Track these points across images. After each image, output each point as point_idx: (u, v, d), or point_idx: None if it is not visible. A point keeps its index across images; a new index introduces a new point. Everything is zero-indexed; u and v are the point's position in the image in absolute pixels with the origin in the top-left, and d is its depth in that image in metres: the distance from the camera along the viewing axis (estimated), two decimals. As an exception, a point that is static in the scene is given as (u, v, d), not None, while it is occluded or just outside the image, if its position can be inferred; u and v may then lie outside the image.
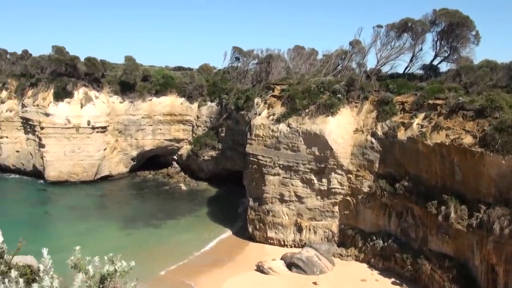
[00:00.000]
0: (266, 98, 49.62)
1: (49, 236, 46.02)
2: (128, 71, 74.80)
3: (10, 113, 75.95)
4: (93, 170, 71.44)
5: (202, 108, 73.87)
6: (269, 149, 46.28)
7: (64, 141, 69.56)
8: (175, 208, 59.74)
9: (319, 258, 41.02)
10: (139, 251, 41.98)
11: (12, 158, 76.42)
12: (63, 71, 72.39)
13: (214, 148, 70.03)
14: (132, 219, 55.39)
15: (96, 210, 60.15)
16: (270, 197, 46.25)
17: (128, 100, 74.51)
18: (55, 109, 69.55)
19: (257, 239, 47.62)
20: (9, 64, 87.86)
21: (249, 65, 75.73)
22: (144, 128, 75.02)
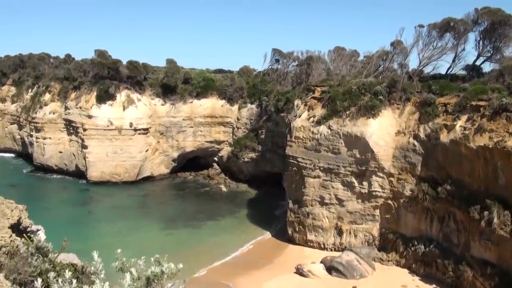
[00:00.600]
0: (306, 100, 49.54)
1: (92, 235, 47.37)
2: (170, 74, 76.31)
3: (53, 115, 78.49)
4: (135, 171, 73.00)
5: (242, 110, 74.54)
6: (309, 151, 46.23)
7: (107, 142, 71.34)
8: (215, 209, 60.49)
9: (360, 262, 40.69)
10: (178, 251, 42.64)
11: (55, 159, 78.91)
12: (106, 74, 74.48)
13: (254, 150, 70.46)
14: (172, 219, 56.39)
15: (138, 210, 61.31)
16: (310, 199, 46.15)
17: (170, 103, 75.98)
18: (97, 111, 71.54)
19: (297, 241, 47.58)
20: (52, 68, 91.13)
21: (289, 67, 75.93)
22: (185, 130, 76.30)
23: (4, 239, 8.49)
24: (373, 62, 54.80)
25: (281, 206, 57.42)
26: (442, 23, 47.74)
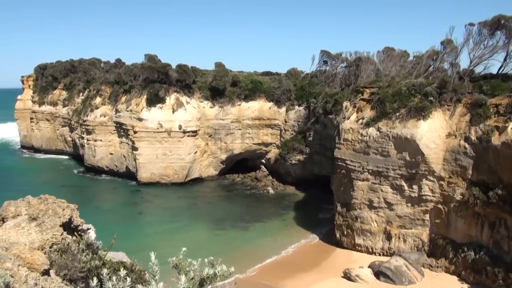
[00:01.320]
0: (355, 101, 49.30)
1: (142, 235, 48.85)
2: (218, 77, 77.63)
3: (104, 118, 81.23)
4: (184, 173, 74.54)
5: (290, 112, 74.86)
6: (358, 153, 46.06)
7: (156, 144, 73.20)
8: (262, 211, 61.12)
9: (408, 268, 40.29)
10: (226, 251, 43.38)
11: (105, 160, 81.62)
12: (156, 78, 76.43)
13: (302, 152, 70.67)
14: (220, 220, 57.47)
15: (187, 211, 62.59)
16: (359, 203, 45.94)
17: (218, 105, 77.35)
18: (147, 114, 73.55)
19: (345, 245, 47.47)
20: (103, 72, 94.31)
21: (338, 68, 75.47)
22: (233, 132, 77.42)
23: (55, 236, 8.80)
24: (423, 62, 54.11)
25: (326, 210, 57.69)
26: (492, 21, 46.67)
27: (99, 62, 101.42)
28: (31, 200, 10.17)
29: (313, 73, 79.30)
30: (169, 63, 78.54)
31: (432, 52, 53.39)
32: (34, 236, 8.68)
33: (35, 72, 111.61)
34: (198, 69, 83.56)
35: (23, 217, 9.62)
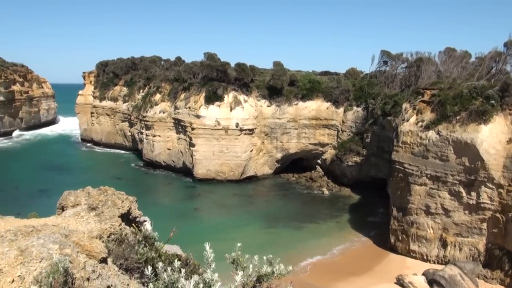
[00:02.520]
0: (415, 103, 48.91)
1: (196, 230, 50.25)
2: (276, 76, 78.55)
3: (163, 114, 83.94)
4: (239, 170, 76.12)
5: (348, 113, 74.79)
6: (416, 157, 45.78)
7: (213, 141, 75.02)
8: (316, 212, 61.62)
9: (463, 278, 39.76)
10: (278, 250, 44.09)
11: (163, 155, 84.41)
12: (214, 76, 78.37)
13: (359, 154, 70.50)
14: (274, 219, 58.53)
15: (242, 208, 63.96)
16: (415, 208, 45.61)
17: (275, 104, 78.32)
18: (205, 112, 75.49)
19: (399, 251, 47.30)
20: (163, 70, 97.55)
21: (398, 69, 74.73)
22: (290, 131, 78.17)
23: (113, 227, 9.28)
24: (485, 64, 53.13)
25: (381, 213, 57.90)
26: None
27: (160, 60, 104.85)
28: (90, 190, 10.86)
29: (372, 73, 78.94)
30: (228, 62, 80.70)
31: (494, 53, 52.39)
32: (93, 225, 9.24)
33: (97, 69, 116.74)
34: (256, 68, 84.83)
35: (82, 206, 10.23)
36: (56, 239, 7.21)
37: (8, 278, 6.26)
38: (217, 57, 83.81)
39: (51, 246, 6.88)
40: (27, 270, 6.37)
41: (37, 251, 6.69)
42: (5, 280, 6.24)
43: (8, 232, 7.58)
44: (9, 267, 6.47)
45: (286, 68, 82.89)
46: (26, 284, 6.15)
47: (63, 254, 6.56)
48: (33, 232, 7.58)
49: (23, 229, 7.67)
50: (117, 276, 7.45)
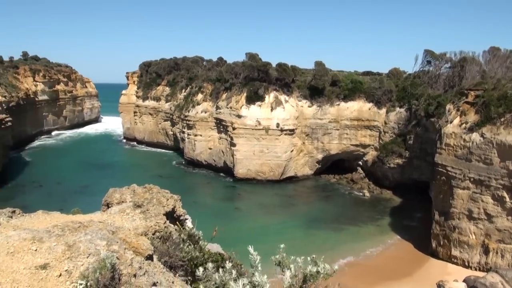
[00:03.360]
0: (458, 104, 48.45)
1: (236, 229, 51.15)
2: (318, 76, 78.98)
3: (204, 114, 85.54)
4: (280, 170, 76.79)
5: (390, 114, 74.25)
6: (459, 160, 45.26)
7: (254, 141, 75.97)
8: (357, 214, 61.63)
9: (504, 286, 38.98)
10: (318, 251, 43.74)
11: (204, 154, 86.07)
12: (256, 76, 79.38)
13: (401, 155, 69.90)
14: (314, 220, 58.90)
15: (282, 209, 64.61)
16: (458, 212, 45.04)
17: (316, 105, 78.69)
18: (247, 112, 76.58)
19: (440, 256, 46.92)
20: (205, 70, 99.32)
21: (441, 69, 73.57)
22: (331, 132, 78.33)
23: (158, 224, 9.50)
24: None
25: (423, 218, 56.76)
26: None
27: (202, 60, 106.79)
28: (136, 188, 11.31)
29: (415, 73, 78.07)
30: (270, 62, 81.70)
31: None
32: (138, 223, 9.51)
33: (140, 69, 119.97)
34: (297, 68, 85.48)
35: (128, 204, 10.59)
36: (104, 235, 7.52)
37: (56, 272, 6.51)
38: (258, 57, 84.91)
39: (99, 242, 7.17)
40: (74, 265, 6.65)
41: (84, 247, 6.99)
42: (52, 274, 6.50)
43: (55, 228, 7.95)
44: (56, 261, 6.76)
45: (328, 68, 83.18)
46: (73, 278, 6.40)
47: (110, 250, 6.83)
48: (80, 228, 7.97)
49: (70, 225, 8.06)
50: (163, 273, 7.65)
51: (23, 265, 6.73)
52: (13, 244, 7.35)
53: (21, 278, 6.46)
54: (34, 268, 6.61)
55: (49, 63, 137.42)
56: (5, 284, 6.40)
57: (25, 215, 9.93)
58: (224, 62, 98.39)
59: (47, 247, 7.13)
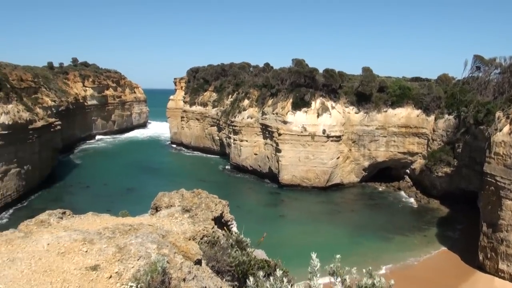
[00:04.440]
0: (508, 112, 47.72)
1: (281, 235, 52.08)
2: (365, 82, 79.37)
3: (250, 120, 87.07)
4: (325, 177, 77.37)
5: (439, 121, 73.63)
6: (509, 170, 44.49)
7: (299, 147, 76.89)
8: (403, 223, 61.39)
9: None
10: (364, 260, 44.49)
11: (250, 160, 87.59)
12: (302, 82, 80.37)
13: (449, 164, 69.04)
14: (361, 228, 58.99)
15: (328, 216, 64.94)
16: (506, 224, 44.10)
17: (363, 111, 79.04)
18: (292, 118, 77.60)
19: (487, 269, 45.99)
20: (251, 76, 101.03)
21: (491, 75, 72.37)
22: (378, 139, 78.39)
23: (207, 229, 9.65)
24: None
25: (468, 229, 55.92)
26: None
27: (249, 66, 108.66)
28: (184, 193, 11.59)
29: (464, 79, 77.13)
30: (316, 68, 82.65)
31: None
32: (186, 227, 9.61)
33: (188, 75, 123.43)
34: (344, 73, 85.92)
35: (176, 208, 10.74)
36: (154, 239, 7.67)
37: (106, 274, 6.72)
38: (305, 63, 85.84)
39: (149, 246, 7.36)
40: (125, 267, 6.84)
41: (135, 249, 7.20)
42: (102, 275, 6.70)
43: (106, 230, 8.24)
44: (106, 263, 6.99)
45: (375, 74, 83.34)
46: (123, 280, 6.56)
47: (160, 254, 6.93)
48: (130, 230, 8.19)
49: (121, 227, 8.33)
50: (211, 278, 7.78)
51: (73, 266, 7.01)
52: (64, 244, 7.67)
53: (72, 278, 6.70)
54: (85, 269, 6.88)
55: (98, 69, 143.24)
56: (55, 283, 6.61)
57: (75, 216, 10.42)
58: (271, 68, 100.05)
59: (97, 249, 7.44)
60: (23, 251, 7.64)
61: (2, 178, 63.77)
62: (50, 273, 6.79)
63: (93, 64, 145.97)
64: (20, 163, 68.24)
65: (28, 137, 71.45)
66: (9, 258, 7.38)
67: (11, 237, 8.29)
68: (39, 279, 6.68)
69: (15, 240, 8.10)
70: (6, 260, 7.32)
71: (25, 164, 69.72)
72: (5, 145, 64.14)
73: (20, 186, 68.59)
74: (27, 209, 63.66)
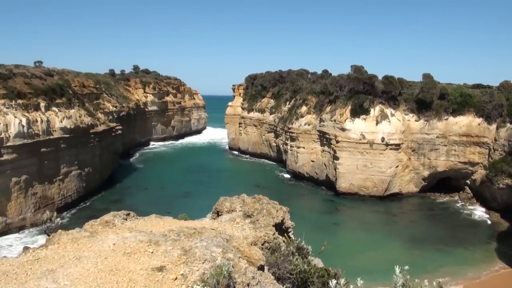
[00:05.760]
0: None
1: (335, 244, 51.81)
2: (425, 89, 78.81)
3: (308, 126, 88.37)
4: (383, 186, 77.20)
5: (501, 130, 71.66)
6: None
7: (357, 155, 77.28)
8: (463, 236, 59.72)
9: None
10: (423, 272, 43.00)
11: (306, 167, 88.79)
12: (361, 89, 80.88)
13: (511, 175, 67.13)
14: (419, 241, 57.65)
15: (384, 226, 64.49)
16: None
17: (424, 119, 78.53)
18: (351, 125, 78.17)
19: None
20: (309, 82, 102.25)
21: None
22: (438, 148, 77.62)
23: (268, 235, 9.91)
24: None
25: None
26: None
27: (307, 73, 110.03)
28: (245, 198, 11.99)
29: (528, 86, 75.11)
30: (375, 74, 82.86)
31: None
32: (248, 232, 9.86)
33: (246, 82, 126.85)
34: (404, 80, 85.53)
35: (237, 213, 11.07)
36: (219, 242, 7.87)
37: (171, 276, 6.94)
38: (364, 69, 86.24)
39: (214, 249, 7.58)
40: (190, 270, 7.06)
41: (200, 253, 7.42)
42: (168, 276, 6.93)
43: (171, 232, 8.50)
44: (172, 265, 7.25)
45: (436, 81, 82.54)
46: (189, 283, 6.74)
47: (225, 258, 7.08)
48: (195, 234, 8.39)
49: (185, 230, 8.55)
50: (273, 284, 7.93)
51: (139, 266, 7.33)
52: (130, 245, 8.09)
53: (138, 278, 6.99)
54: (151, 270, 7.17)
55: (158, 76, 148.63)
56: (122, 282, 6.88)
57: (139, 218, 10.99)
58: (329, 75, 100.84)
59: (163, 251, 7.74)
60: (89, 250, 8.20)
61: (63, 179, 67.72)
62: (116, 272, 7.20)
63: (154, 71, 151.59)
64: (81, 165, 72.35)
65: (90, 140, 75.70)
66: (76, 256, 7.90)
67: (77, 236, 8.89)
68: (105, 278, 7.07)
69: (81, 239, 8.70)
70: (73, 258, 7.84)
71: (86, 167, 73.94)
72: (66, 148, 68.24)
73: (81, 188, 72.53)
74: (89, 209, 67.55)
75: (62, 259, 7.85)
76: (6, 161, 55.88)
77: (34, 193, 60.82)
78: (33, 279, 7.14)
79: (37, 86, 65.94)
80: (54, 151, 65.36)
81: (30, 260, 7.92)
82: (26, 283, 7.01)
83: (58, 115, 66.52)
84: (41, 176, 62.42)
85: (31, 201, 60.11)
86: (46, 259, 7.95)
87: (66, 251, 8.24)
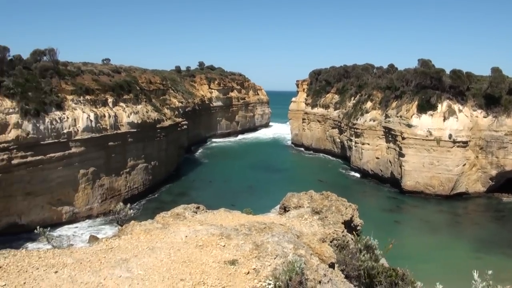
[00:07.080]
0: None
1: (396, 244, 51.17)
2: (494, 83, 76.72)
3: (373, 122, 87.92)
4: (450, 185, 75.60)
5: None
6: None
7: (424, 152, 76.17)
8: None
9: None
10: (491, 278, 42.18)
11: (371, 164, 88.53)
12: (428, 84, 79.60)
13: None
14: (485, 244, 55.11)
15: (448, 227, 63.02)
16: None
17: (492, 115, 76.38)
18: (417, 121, 77.20)
19: None
20: (375, 77, 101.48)
21: None
22: (507, 146, 74.92)
23: (336, 232, 9.88)
24: None
25: None
26: None
27: (372, 67, 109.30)
28: (313, 194, 12.01)
29: None
30: (443, 69, 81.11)
31: None
32: (316, 229, 9.84)
33: (310, 77, 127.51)
34: (472, 74, 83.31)
35: (305, 209, 11.11)
36: (290, 238, 7.95)
37: (244, 269, 7.06)
38: (431, 63, 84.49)
39: (286, 245, 7.65)
40: (262, 265, 7.14)
41: (272, 248, 7.50)
42: (240, 270, 7.06)
43: (242, 227, 8.69)
44: (244, 259, 7.39)
45: (505, 75, 79.94)
46: (261, 277, 6.77)
47: (297, 254, 7.13)
48: (266, 229, 8.49)
49: (256, 225, 8.69)
50: (343, 283, 7.92)
51: (212, 259, 7.51)
52: (202, 238, 8.31)
53: (210, 270, 7.16)
54: (223, 263, 7.33)
55: (223, 72, 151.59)
56: (194, 274, 7.07)
57: (208, 211, 11.25)
58: (395, 69, 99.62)
59: (235, 244, 7.90)
60: (162, 241, 8.47)
61: (130, 172, 70.56)
62: (189, 264, 7.43)
63: (219, 67, 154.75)
64: (148, 159, 75.03)
65: (156, 135, 78.47)
66: (149, 247, 8.16)
67: (149, 227, 9.20)
68: (179, 269, 7.30)
69: (153, 231, 8.98)
70: (146, 249, 8.11)
71: (152, 160, 76.65)
72: (133, 142, 71.03)
73: (147, 180, 75.17)
74: (156, 201, 70.23)
75: (136, 249, 8.19)
76: (74, 154, 58.93)
77: (101, 184, 63.73)
78: (107, 267, 7.45)
79: (105, 82, 69.15)
80: (121, 145, 68.17)
81: (103, 249, 8.27)
82: (100, 271, 7.29)
83: (126, 111, 69.49)
84: (108, 169, 65.30)
85: (98, 192, 63.03)
86: (120, 248, 8.30)
87: (139, 241, 8.61)
